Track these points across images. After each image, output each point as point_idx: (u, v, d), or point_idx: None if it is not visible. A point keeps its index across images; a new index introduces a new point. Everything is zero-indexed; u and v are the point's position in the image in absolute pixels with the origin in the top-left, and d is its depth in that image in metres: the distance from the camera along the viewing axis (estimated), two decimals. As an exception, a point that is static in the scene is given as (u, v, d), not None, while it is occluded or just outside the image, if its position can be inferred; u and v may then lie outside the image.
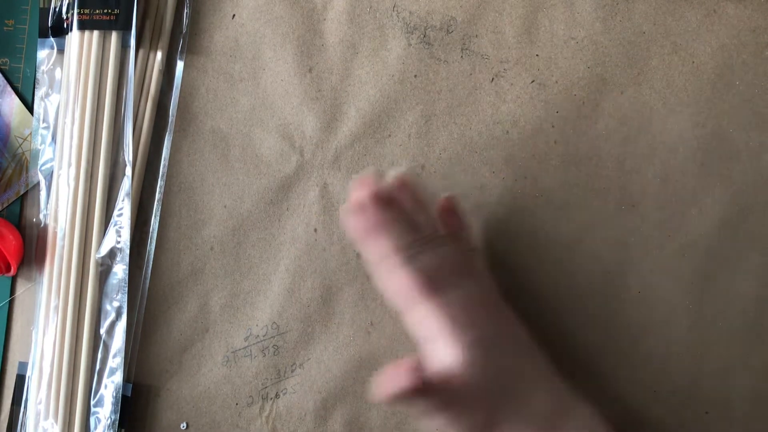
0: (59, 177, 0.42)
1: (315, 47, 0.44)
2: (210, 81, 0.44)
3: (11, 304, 0.43)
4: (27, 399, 0.42)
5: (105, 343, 0.42)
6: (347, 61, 0.44)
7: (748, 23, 0.43)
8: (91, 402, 0.41)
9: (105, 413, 0.41)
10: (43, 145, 0.43)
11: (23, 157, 0.44)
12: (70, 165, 0.42)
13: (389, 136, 0.44)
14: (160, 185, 0.44)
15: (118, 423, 0.41)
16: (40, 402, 0.41)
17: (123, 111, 0.43)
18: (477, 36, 0.44)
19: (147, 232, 0.43)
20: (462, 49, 0.44)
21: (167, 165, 0.44)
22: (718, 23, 0.43)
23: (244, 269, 0.43)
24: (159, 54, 0.44)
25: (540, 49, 0.43)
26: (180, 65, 0.44)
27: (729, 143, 0.43)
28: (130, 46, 0.43)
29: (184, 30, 0.44)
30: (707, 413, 0.42)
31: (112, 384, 0.41)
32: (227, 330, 0.43)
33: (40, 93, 0.44)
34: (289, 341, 0.43)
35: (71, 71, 0.43)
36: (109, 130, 0.43)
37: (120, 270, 0.42)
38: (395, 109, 0.44)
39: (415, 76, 0.44)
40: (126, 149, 0.43)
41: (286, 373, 0.43)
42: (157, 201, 0.43)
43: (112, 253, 0.42)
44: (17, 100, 0.44)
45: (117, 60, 0.43)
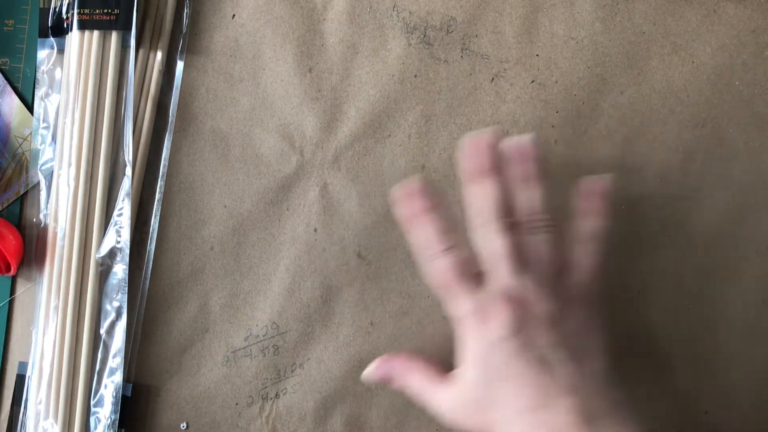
0: (59, 177, 0.42)
1: (315, 47, 0.44)
2: (210, 81, 0.44)
3: (11, 304, 0.43)
4: (27, 399, 0.42)
5: (105, 343, 0.42)
6: (347, 61, 0.44)
7: (748, 23, 0.43)
8: (91, 402, 0.41)
9: (105, 413, 0.41)
10: (43, 145, 0.43)
11: (23, 157, 0.44)
12: (70, 165, 0.42)
13: (389, 136, 0.44)
14: (160, 185, 0.44)
15: (118, 423, 0.41)
16: (40, 402, 0.41)
17: (123, 111, 0.43)
18: (477, 36, 0.44)
19: (147, 232, 0.43)
20: (462, 49, 0.44)
21: (167, 165, 0.44)
22: (718, 23, 0.43)
23: (244, 269, 0.43)
24: (159, 54, 0.44)
25: (540, 49, 0.43)
26: (180, 65, 0.44)
27: (729, 143, 0.43)
28: (130, 46, 0.43)
29: (184, 30, 0.44)
30: (707, 413, 0.42)
31: (112, 384, 0.41)
32: (227, 330, 0.43)
33: (40, 93, 0.44)
34: (289, 341, 0.43)
35: (71, 71, 0.43)
36: (109, 130, 0.43)
37: (120, 270, 0.42)
38: (395, 109, 0.44)
39: (415, 76, 0.44)
40: (126, 149, 0.43)
41: (286, 373, 0.43)
42: (157, 201, 0.43)
43: (112, 253, 0.42)
44: (17, 100, 0.44)
45: (117, 60, 0.43)
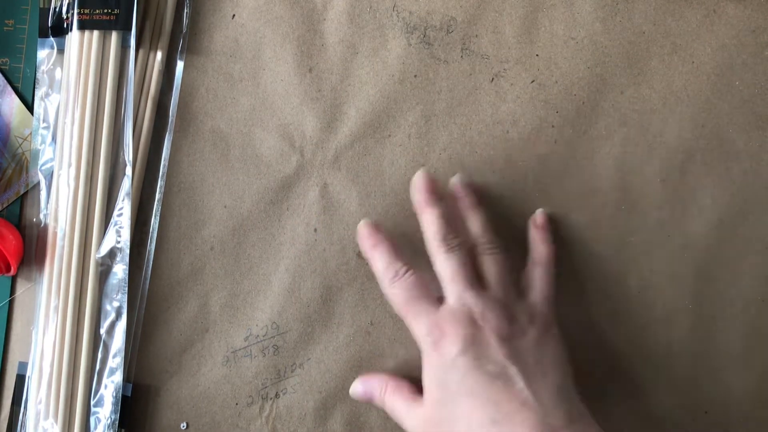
0: (59, 177, 0.42)
1: (315, 47, 0.44)
2: (210, 81, 0.44)
3: (11, 304, 0.43)
4: (27, 399, 0.42)
5: (105, 343, 0.42)
6: (347, 61, 0.44)
7: (748, 23, 0.43)
8: (91, 402, 0.41)
9: (105, 413, 0.41)
10: (43, 145, 0.43)
11: (23, 157, 0.44)
12: (70, 165, 0.42)
13: (389, 136, 0.44)
14: (160, 185, 0.44)
15: (118, 423, 0.41)
16: (40, 402, 0.41)
17: (123, 111, 0.43)
18: (477, 36, 0.44)
19: (147, 232, 0.43)
20: (462, 49, 0.44)
21: (167, 165, 0.44)
22: (718, 23, 0.43)
23: (244, 269, 0.43)
24: (159, 54, 0.44)
25: (540, 49, 0.43)
26: (180, 65, 0.44)
27: (729, 143, 0.43)
28: (130, 46, 0.43)
29: (184, 30, 0.44)
30: (707, 413, 0.42)
31: (112, 384, 0.41)
32: (227, 330, 0.43)
33: (40, 93, 0.44)
34: (289, 341, 0.43)
35: (71, 71, 0.43)
36: (109, 130, 0.43)
37: (120, 270, 0.42)
38: (395, 109, 0.44)
39: (415, 76, 0.44)
40: (126, 149, 0.43)
41: (286, 373, 0.43)
42: (157, 201, 0.43)
43: (112, 253, 0.42)
44: (17, 100, 0.44)
45: (117, 60, 0.43)
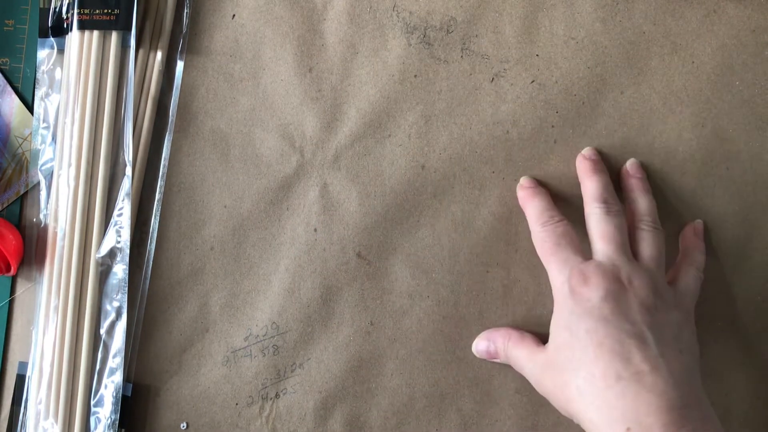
0: (59, 177, 0.42)
1: (315, 47, 0.44)
2: (210, 81, 0.44)
3: (11, 304, 0.43)
4: (27, 399, 0.42)
5: (105, 343, 0.42)
6: (347, 61, 0.44)
7: (748, 23, 0.43)
8: (91, 402, 0.41)
9: (105, 413, 0.41)
10: (43, 145, 0.43)
11: (23, 157, 0.44)
12: (70, 165, 0.42)
13: (389, 136, 0.44)
14: (160, 185, 0.44)
15: (118, 423, 0.41)
16: (40, 402, 0.41)
17: (123, 111, 0.43)
18: (477, 36, 0.44)
19: (147, 232, 0.43)
20: (462, 49, 0.44)
21: (167, 165, 0.44)
22: (718, 23, 0.43)
23: (244, 269, 0.43)
24: (159, 54, 0.44)
25: (540, 49, 0.43)
26: (180, 65, 0.44)
27: (729, 143, 0.43)
28: (130, 46, 0.43)
29: (184, 30, 0.44)
30: (707, 413, 0.42)
31: (112, 384, 0.41)
32: (227, 330, 0.43)
33: (40, 93, 0.44)
34: (289, 341, 0.43)
35: (71, 71, 0.43)
36: (109, 130, 0.43)
37: (120, 270, 0.42)
38: (395, 109, 0.44)
39: (415, 76, 0.44)
40: (126, 149, 0.43)
41: (286, 373, 0.43)
42: (157, 201, 0.43)
43: (112, 253, 0.42)
44: (17, 100, 0.44)
45: (117, 60, 0.43)
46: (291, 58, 0.44)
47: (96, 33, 0.43)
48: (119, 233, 0.42)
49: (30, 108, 0.44)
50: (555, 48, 0.43)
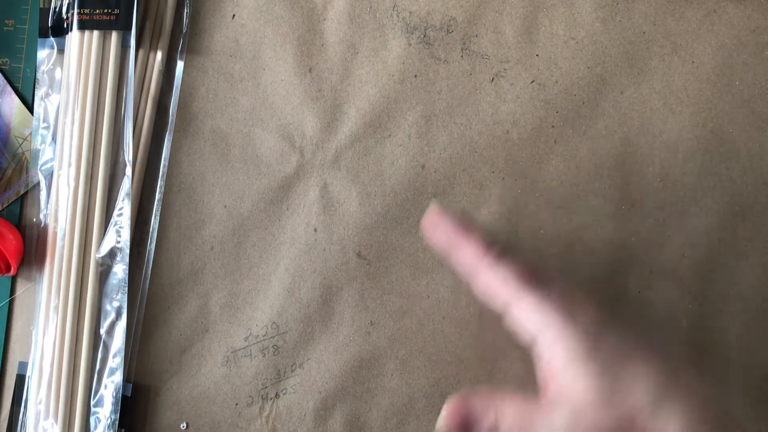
0: (59, 177, 0.42)
1: (315, 47, 0.44)
2: (210, 81, 0.44)
3: (11, 304, 0.43)
4: (27, 399, 0.42)
5: (105, 343, 0.42)
6: (347, 61, 0.44)
7: (748, 23, 0.43)
8: (91, 402, 0.41)
9: (105, 413, 0.41)
10: (43, 145, 0.43)
11: (23, 157, 0.44)
12: (70, 165, 0.42)
13: (389, 136, 0.44)
14: (160, 185, 0.44)
15: (118, 423, 0.41)
16: (40, 402, 0.41)
17: (123, 111, 0.43)
18: (477, 36, 0.44)
19: (147, 232, 0.43)
20: (462, 49, 0.44)
21: (167, 165, 0.44)
22: (718, 23, 0.43)
23: (244, 269, 0.43)
24: (159, 54, 0.44)
25: (540, 49, 0.43)
26: (180, 65, 0.44)
27: (729, 143, 0.43)
28: (130, 46, 0.43)
29: (184, 30, 0.44)
30: (707, 413, 0.42)
31: (112, 384, 0.41)
32: (227, 330, 0.43)
33: (40, 93, 0.44)
34: (289, 341, 0.43)
35: (71, 71, 0.43)
36: (109, 130, 0.43)
37: (120, 270, 0.42)
38: (395, 109, 0.44)
39: (415, 76, 0.44)
40: (126, 149, 0.43)
41: (286, 373, 0.43)
42: (157, 201, 0.43)
43: (112, 253, 0.42)
44: (17, 100, 0.44)
45: (117, 60, 0.43)
46: (291, 58, 0.44)
47: (96, 33, 0.43)
48: (119, 233, 0.42)
49: (30, 108, 0.44)
50: (555, 48, 0.43)
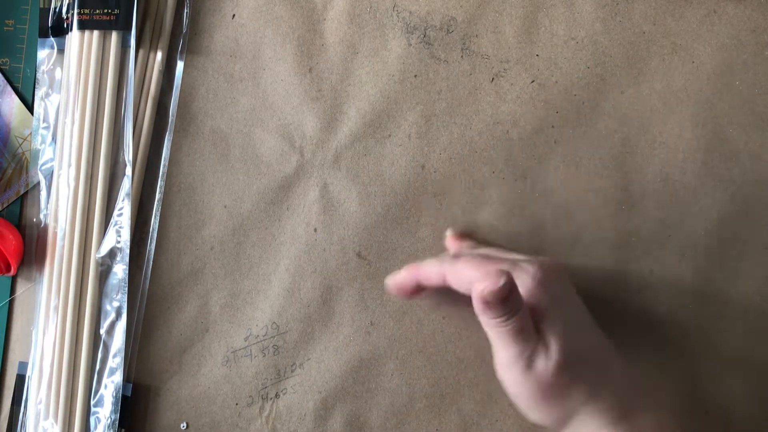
0: (59, 177, 0.42)
1: (315, 47, 0.44)
2: (210, 81, 0.44)
3: (11, 304, 0.43)
4: (27, 399, 0.42)
5: (105, 343, 0.42)
6: (347, 61, 0.44)
7: (748, 23, 0.43)
8: (91, 402, 0.41)
9: (105, 413, 0.41)
10: (43, 145, 0.43)
11: (23, 157, 0.44)
12: (70, 165, 0.42)
13: (389, 136, 0.44)
14: (160, 185, 0.44)
15: (118, 423, 0.41)
16: (40, 402, 0.41)
17: (123, 111, 0.43)
18: (477, 36, 0.44)
19: (147, 232, 0.43)
20: (462, 49, 0.44)
21: (167, 165, 0.44)
22: (718, 23, 0.43)
23: (244, 269, 0.43)
24: (159, 54, 0.44)
25: (540, 49, 0.43)
26: (180, 65, 0.44)
27: (729, 143, 0.43)
28: (130, 46, 0.43)
29: (184, 30, 0.44)
30: (707, 413, 0.42)
31: (112, 384, 0.41)
32: (227, 330, 0.43)
33: (40, 93, 0.44)
34: (289, 341, 0.43)
35: (71, 71, 0.43)
36: (109, 130, 0.43)
37: (120, 270, 0.42)
38: (395, 109, 0.44)
39: (415, 76, 0.44)
40: (126, 149, 0.43)
41: (286, 373, 0.43)
42: (157, 201, 0.43)
43: (112, 253, 0.42)
44: (17, 100, 0.44)
45: (117, 60, 0.43)
46: (291, 58, 0.44)
47: (96, 33, 0.43)
48: (119, 233, 0.42)
49: (30, 108, 0.44)
50: (555, 48, 0.43)
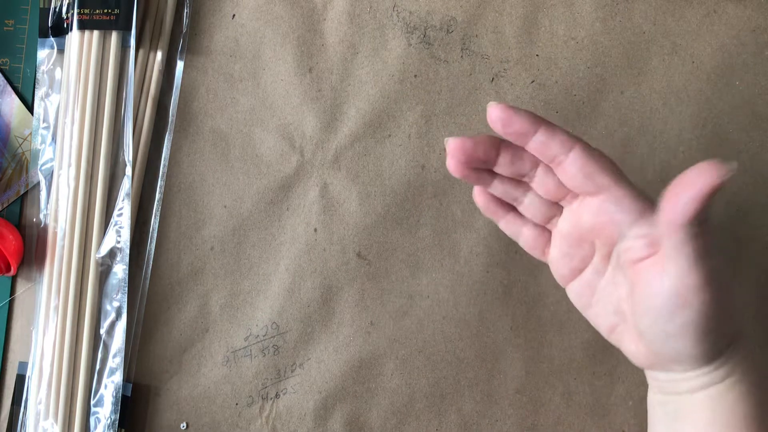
0: (59, 177, 0.42)
1: (315, 47, 0.44)
2: (210, 81, 0.44)
3: (11, 304, 0.43)
4: (27, 399, 0.42)
5: (105, 343, 0.42)
6: (347, 61, 0.44)
7: (748, 23, 0.43)
8: (91, 402, 0.41)
9: (105, 413, 0.41)
10: (43, 145, 0.43)
11: (23, 157, 0.44)
12: (70, 165, 0.42)
13: (389, 136, 0.44)
14: (160, 185, 0.44)
15: (118, 423, 0.41)
16: (40, 402, 0.41)
17: (123, 111, 0.43)
18: (477, 36, 0.44)
19: (147, 232, 0.43)
20: (462, 49, 0.44)
21: (167, 165, 0.44)
22: (718, 23, 0.43)
23: (244, 269, 0.43)
24: (159, 54, 0.44)
25: (540, 49, 0.43)
26: (180, 65, 0.44)
27: (729, 143, 0.43)
28: (130, 46, 0.43)
29: (184, 30, 0.44)
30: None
31: (112, 384, 0.41)
32: (227, 330, 0.43)
33: (40, 93, 0.44)
34: (289, 341, 0.43)
35: (71, 71, 0.43)
36: (109, 130, 0.43)
37: (120, 270, 0.42)
38: (395, 109, 0.44)
39: (415, 76, 0.44)
40: (126, 149, 0.43)
41: (286, 373, 0.43)
42: (157, 201, 0.43)
43: (112, 253, 0.42)
44: (17, 100, 0.44)
45: (117, 60, 0.43)
46: (291, 58, 0.44)
47: (96, 33, 0.43)
48: (119, 233, 0.42)
49: (30, 108, 0.44)
50: (555, 48, 0.43)
